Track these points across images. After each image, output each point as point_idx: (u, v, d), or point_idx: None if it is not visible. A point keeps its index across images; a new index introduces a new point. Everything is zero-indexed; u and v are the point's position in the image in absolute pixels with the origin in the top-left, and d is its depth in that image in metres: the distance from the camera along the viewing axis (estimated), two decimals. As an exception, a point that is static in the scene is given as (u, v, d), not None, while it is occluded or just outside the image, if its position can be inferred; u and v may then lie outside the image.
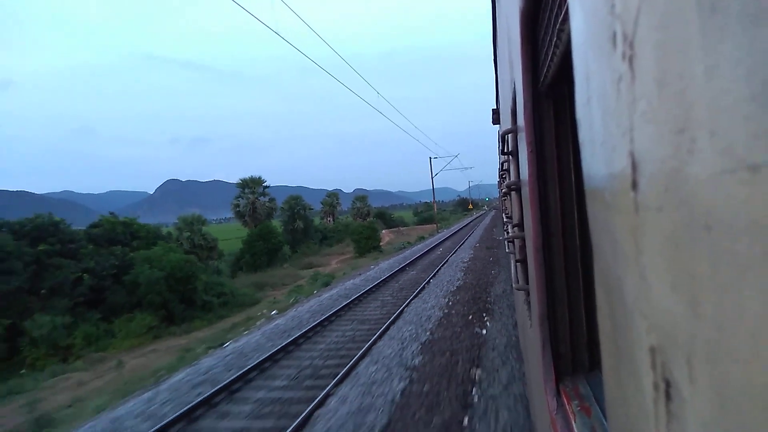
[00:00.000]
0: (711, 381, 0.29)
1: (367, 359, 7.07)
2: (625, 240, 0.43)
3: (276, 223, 43.90)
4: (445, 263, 17.03)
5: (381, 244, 39.67)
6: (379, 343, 7.82)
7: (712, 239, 0.27)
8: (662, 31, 0.32)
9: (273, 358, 7.63)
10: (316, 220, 57.89)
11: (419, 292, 11.97)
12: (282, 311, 13.37)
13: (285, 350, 8.03)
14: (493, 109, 5.70)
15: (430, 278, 13.97)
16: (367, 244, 38.00)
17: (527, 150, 1.29)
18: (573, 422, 1.03)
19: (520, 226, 1.86)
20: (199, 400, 6.05)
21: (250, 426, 5.41)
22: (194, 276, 21.48)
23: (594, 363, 1.26)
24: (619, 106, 0.41)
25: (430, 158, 40.21)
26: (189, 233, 33.78)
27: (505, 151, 2.36)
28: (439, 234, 37.72)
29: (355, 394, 5.68)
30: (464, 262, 16.62)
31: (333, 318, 10.12)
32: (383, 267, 18.62)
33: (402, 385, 5.77)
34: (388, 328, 8.73)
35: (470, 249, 20.90)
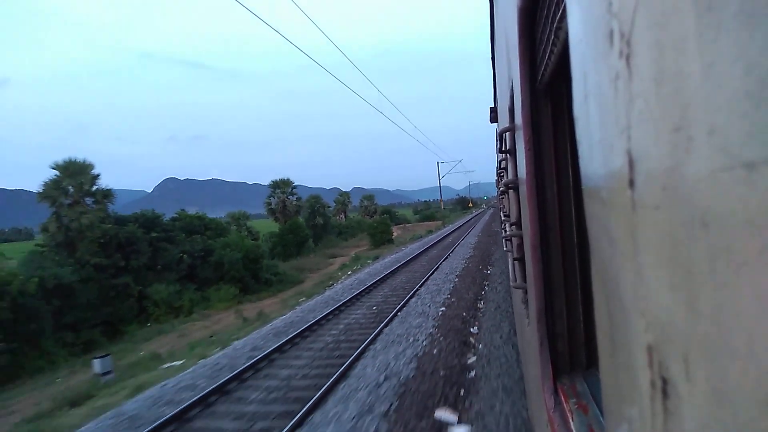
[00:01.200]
0: (707, 378, 0.28)
1: (429, 282, 13.60)
2: (622, 238, 0.43)
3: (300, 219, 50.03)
4: (457, 245, 23.31)
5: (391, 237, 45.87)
6: (431, 278, 14.21)
7: (709, 237, 0.27)
8: (659, 29, 0.32)
9: (374, 286, 13.84)
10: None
11: (445, 260, 18.18)
12: (355, 272, 19.57)
13: (376, 284, 14.22)
14: (491, 108, 5.79)
15: (450, 253, 20.25)
16: (382, 237, 44.04)
17: (525, 148, 1.29)
18: (570, 420, 1.03)
19: (518, 224, 1.87)
20: (328, 311, 10.82)
21: (367, 313, 10.90)
22: (261, 258, 27.75)
23: (591, 361, 1.25)
24: (616, 104, 0.41)
25: (438, 163, 46.95)
26: (236, 227, 40.00)
27: (503, 149, 2.35)
28: (445, 228, 43.89)
29: (428, 290, 12.15)
30: (471, 245, 22.85)
31: (396, 271, 16.54)
32: (413, 247, 25.16)
33: (452, 284, 12.52)
34: (432, 273, 15.03)
35: (474, 237, 27.27)
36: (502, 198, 4.19)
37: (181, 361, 10.07)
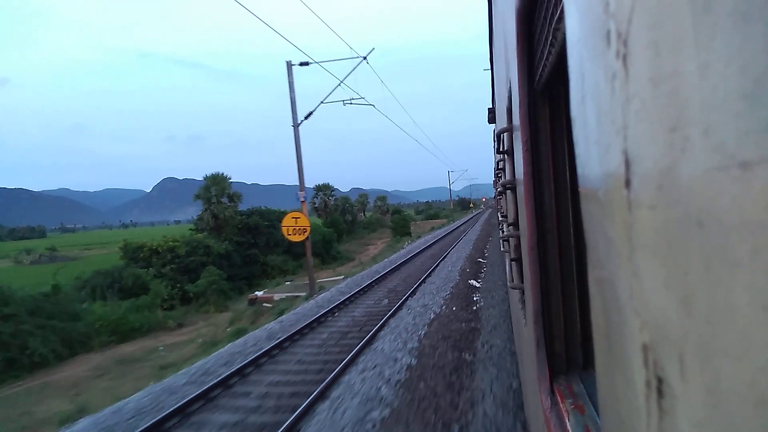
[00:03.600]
0: (702, 378, 0.29)
1: (454, 251, 21.81)
2: (618, 238, 0.43)
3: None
4: (465, 234, 34.06)
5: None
6: (453, 251, 21.78)
7: (705, 236, 0.27)
8: (656, 29, 0.32)
9: (426, 248, 25.67)
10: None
11: (457, 244, 25.13)
12: (404, 246, 31.81)
13: (427, 247, 25.92)
14: (489, 109, 5.80)
15: (464, 235, 31.86)
16: (402, 231, 56.51)
17: (522, 149, 1.29)
18: (567, 421, 1.03)
19: (516, 225, 1.87)
20: (408, 256, 21.75)
21: (428, 258, 20.38)
22: (333, 240, 39.96)
23: (588, 361, 1.25)
24: (613, 104, 0.41)
25: (449, 172, 59.37)
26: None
27: (501, 150, 2.37)
28: (451, 225, 55.81)
29: (454, 256, 20.67)
30: (477, 231, 34.85)
31: (432, 244, 26.47)
32: (436, 234, 36.94)
33: (467, 252, 21.18)
34: (453, 249, 23.02)
35: (476, 231, 38.91)
36: (500, 198, 4.22)
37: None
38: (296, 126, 14.61)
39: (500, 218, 4.18)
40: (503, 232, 3.33)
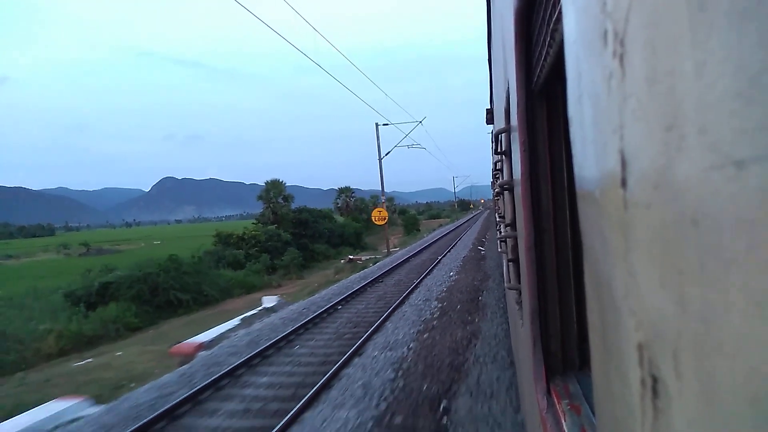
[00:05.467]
0: (697, 376, 0.29)
1: (464, 236, 32.05)
2: (614, 237, 0.43)
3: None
4: (470, 228, 42.89)
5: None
6: (461, 238, 29.65)
7: (700, 235, 0.27)
8: (652, 29, 0.32)
9: (442, 237, 35.02)
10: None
11: (463, 235, 31.22)
12: (423, 236, 41.68)
13: (443, 236, 35.48)
14: (487, 109, 5.84)
15: (465, 233, 37.83)
16: (412, 227, 66.57)
17: (520, 149, 1.28)
18: (563, 421, 1.03)
19: (513, 225, 1.86)
20: (432, 240, 31.62)
21: (444, 242, 28.73)
22: (361, 233, 50.06)
23: (584, 362, 1.25)
24: (609, 103, 0.41)
25: (453, 177, 69.47)
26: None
27: (499, 150, 2.41)
28: (455, 222, 65.62)
29: (466, 239, 29.52)
30: (478, 228, 43.42)
31: (446, 234, 35.96)
32: (445, 229, 46.72)
33: (474, 236, 30.92)
34: (465, 234, 33.56)
35: (478, 226, 47.60)
36: (497, 199, 4.16)
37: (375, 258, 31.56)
38: (380, 159, 25.04)
39: (498, 219, 4.20)
40: (500, 232, 3.35)
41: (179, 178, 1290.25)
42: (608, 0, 0.40)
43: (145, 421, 5.14)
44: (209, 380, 6.17)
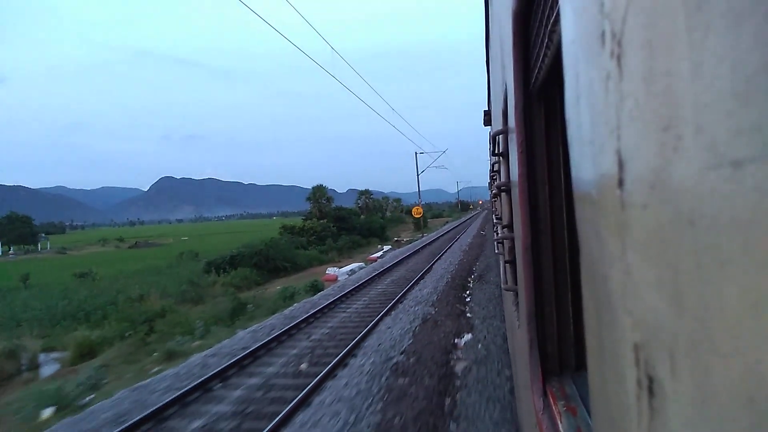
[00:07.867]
0: (693, 376, 0.29)
1: (470, 227, 46.76)
2: (611, 238, 0.43)
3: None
4: (473, 223, 54.81)
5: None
6: (469, 227, 46.28)
7: (696, 236, 0.27)
8: (649, 29, 0.32)
9: (452, 230, 47.34)
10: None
11: (467, 228, 44.12)
12: (439, 227, 53.53)
13: (452, 229, 47.45)
14: (484, 111, 5.89)
15: (470, 225, 50.49)
16: (422, 224, 78.34)
17: (518, 151, 1.29)
18: (559, 423, 1.03)
19: (510, 227, 1.85)
20: (445, 231, 44.71)
21: (453, 232, 42.24)
22: (385, 227, 62.10)
23: (581, 363, 1.24)
24: (607, 104, 0.41)
25: (457, 182, 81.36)
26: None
27: (496, 152, 2.40)
28: (458, 220, 76.61)
29: (470, 231, 40.84)
30: (478, 224, 52.64)
31: (456, 227, 50.14)
32: (451, 225, 57.83)
33: (480, 223, 49.17)
34: (464, 230, 43.14)
35: (478, 223, 56.18)
36: (495, 201, 4.11)
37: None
38: (418, 175, 37.36)
39: (495, 221, 4.06)
40: (497, 234, 3.32)
41: (178, 177, 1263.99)
42: (606, 1, 0.40)
43: (345, 291, 13.30)
44: (354, 286, 14.05)
